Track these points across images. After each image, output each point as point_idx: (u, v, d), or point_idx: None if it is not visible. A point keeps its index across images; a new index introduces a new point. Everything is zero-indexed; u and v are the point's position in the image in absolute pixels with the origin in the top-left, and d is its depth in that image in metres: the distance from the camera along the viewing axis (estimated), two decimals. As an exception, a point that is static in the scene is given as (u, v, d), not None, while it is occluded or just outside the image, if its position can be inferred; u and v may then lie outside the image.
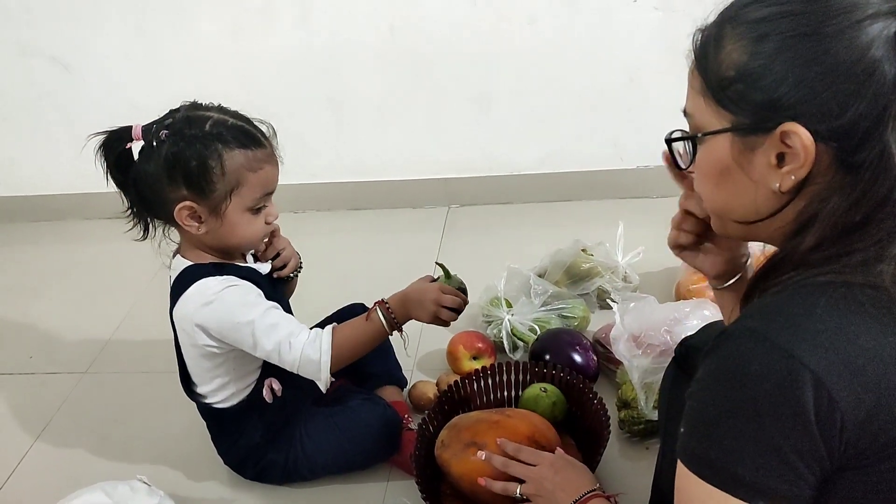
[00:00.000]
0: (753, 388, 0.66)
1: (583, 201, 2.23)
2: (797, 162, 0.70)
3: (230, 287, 1.23)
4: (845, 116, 0.67)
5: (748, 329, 0.69)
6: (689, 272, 1.72)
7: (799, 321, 0.67)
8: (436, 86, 2.14)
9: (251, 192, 1.21)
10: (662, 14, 1.95)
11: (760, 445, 0.66)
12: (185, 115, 1.19)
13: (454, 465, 1.25)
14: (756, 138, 0.72)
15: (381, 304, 1.27)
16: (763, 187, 0.74)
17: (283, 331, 1.22)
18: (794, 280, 0.71)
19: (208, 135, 1.17)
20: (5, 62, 2.23)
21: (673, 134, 0.81)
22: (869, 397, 0.64)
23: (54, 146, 2.33)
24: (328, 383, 1.26)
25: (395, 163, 2.28)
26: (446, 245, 2.12)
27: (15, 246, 2.40)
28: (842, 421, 0.64)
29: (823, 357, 0.64)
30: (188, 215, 1.20)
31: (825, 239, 0.70)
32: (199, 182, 1.17)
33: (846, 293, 0.67)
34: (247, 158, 1.19)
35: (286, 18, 2.08)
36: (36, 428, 1.66)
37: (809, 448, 0.65)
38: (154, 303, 1.32)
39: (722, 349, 0.71)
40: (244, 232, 1.24)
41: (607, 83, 2.08)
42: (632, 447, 1.43)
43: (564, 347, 1.53)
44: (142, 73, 2.19)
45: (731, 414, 0.68)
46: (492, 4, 2.01)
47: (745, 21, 0.72)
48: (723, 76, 0.72)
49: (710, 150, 0.76)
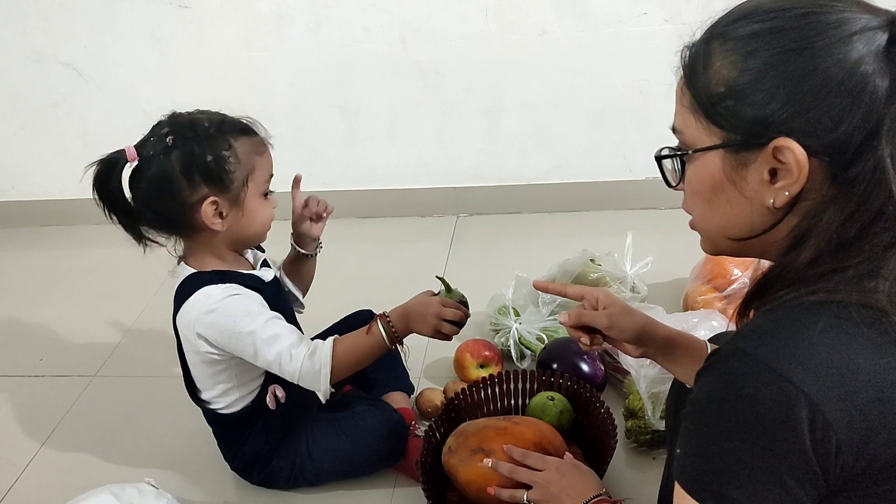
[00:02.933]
0: (747, 411, 0.66)
1: (591, 211, 2.24)
2: (790, 177, 0.69)
3: (233, 296, 1.23)
4: (838, 131, 0.67)
5: (741, 351, 0.68)
6: (697, 283, 1.72)
7: (793, 343, 0.66)
8: (446, 96, 2.16)
9: (262, 175, 1.25)
10: (672, 27, 1.96)
11: (755, 468, 0.66)
12: (182, 119, 1.21)
13: (461, 471, 1.25)
14: (748, 154, 0.71)
15: (382, 317, 1.27)
16: (756, 203, 0.73)
17: (285, 342, 1.22)
18: (787, 298, 0.70)
19: (213, 129, 1.20)
20: (21, 68, 2.25)
21: (662, 151, 0.80)
22: (864, 419, 0.64)
23: (67, 152, 2.35)
24: (328, 395, 1.26)
25: (405, 172, 2.30)
26: (455, 253, 2.13)
27: (27, 250, 2.42)
28: (837, 443, 0.63)
29: (818, 380, 0.64)
30: (213, 212, 1.21)
31: (820, 254, 0.69)
32: (219, 174, 1.20)
33: (840, 313, 0.66)
34: (252, 143, 1.23)
35: (299, 28, 2.10)
36: (45, 430, 1.67)
37: (805, 471, 0.64)
38: (164, 308, 1.33)
39: (715, 370, 0.70)
40: (262, 219, 1.27)
41: (617, 95, 2.09)
42: (638, 457, 1.43)
43: (572, 357, 1.54)
44: (155, 80, 2.21)
45: (726, 437, 0.67)
46: (503, 17, 2.02)
47: (733, 37, 0.72)
48: (713, 92, 0.72)
49: (700, 166, 0.76)
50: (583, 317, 1.09)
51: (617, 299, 1.11)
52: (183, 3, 2.10)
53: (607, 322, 1.08)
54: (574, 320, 1.09)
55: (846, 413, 0.63)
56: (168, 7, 2.10)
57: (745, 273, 1.67)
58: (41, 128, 2.35)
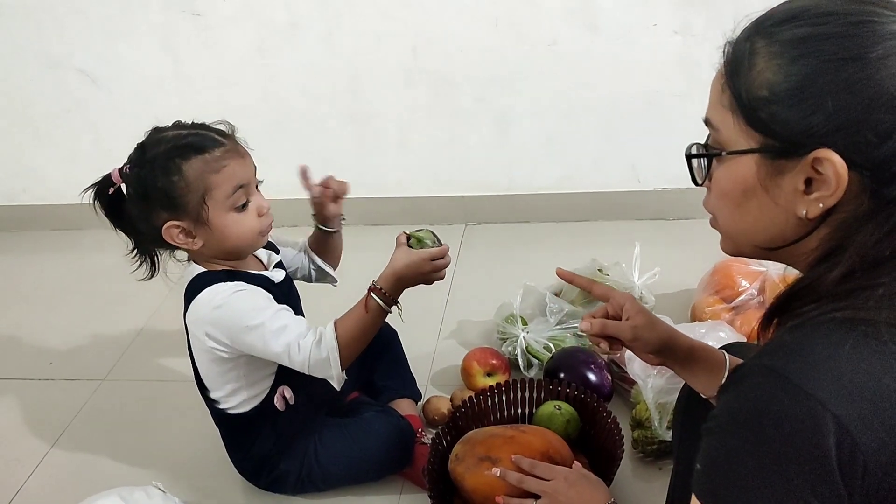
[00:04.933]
0: (773, 429, 0.64)
1: (600, 222, 2.24)
2: (827, 190, 0.67)
3: (240, 291, 1.24)
4: (883, 147, 0.64)
5: (768, 368, 0.66)
6: (705, 294, 1.72)
7: (820, 361, 0.64)
8: (456, 105, 2.17)
9: (223, 192, 1.21)
10: (682, 38, 1.96)
11: (779, 488, 0.64)
12: (142, 144, 1.23)
13: (468, 478, 1.25)
14: (786, 162, 0.68)
15: (375, 290, 1.25)
16: (788, 212, 0.70)
17: (293, 333, 1.22)
18: (814, 314, 0.68)
19: (162, 154, 1.19)
20: (35, 74, 2.28)
21: (692, 148, 0.78)
22: (893, 440, 0.62)
23: (80, 157, 2.37)
24: (341, 379, 1.25)
25: (415, 180, 2.30)
26: (463, 262, 2.14)
27: (38, 253, 2.44)
28: (864, 464, 0.61)
29: (845, 399, 0.62)
30: (178, 234, 1.22)
31: (853, 271, 0.67)
32: (171, 200, 1.20)
33: (869, 331, 0.64)
34: (205, 162, 1.20)
35: (311, 37, 2.11)
36: (54, 433, 1.68)
37: (830, 492, 0.62)
38: (173, 312, 1.34)
39: (741, 387, 0.68)
40: (237, 232, 1.24)
41: (626, 106, 2.10)
42: (645, 467, 1.43)
43: (579, 366, 1.54)
44: (168, 87, 2.23)
45: (750, 454, 0.65)
46: (514, 27, 2.03)
47: (780, 39, 0.68)
48: (755, 95, 0.69)
49: (733, 168, 0.73)
50: (607, 328, 1.06)
51: (642, 309, 1.07)
52: (196, 11, 2.12)
53: (631, 335, 1.04)
54: (597, 330, 1.06)
55: (874, 434, 0.62)
56: (181, 15, 2.12)
57: (752, 285, 1.66)
58: (54, 133, 2.37)
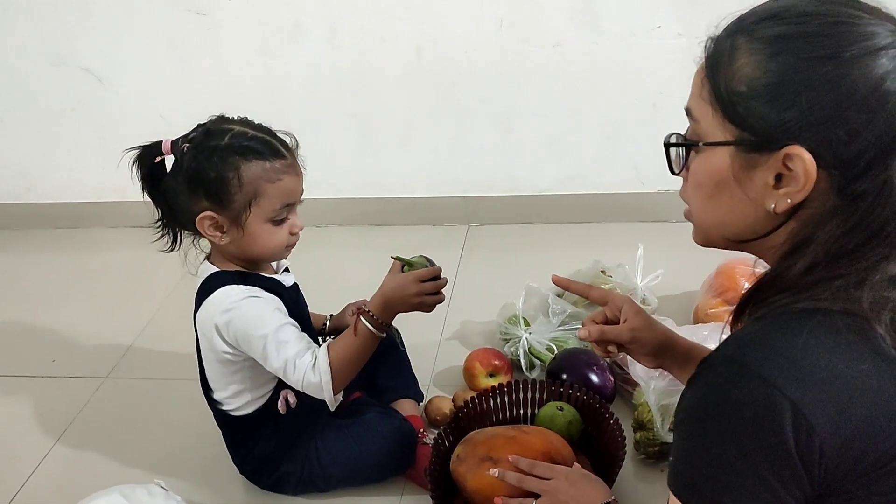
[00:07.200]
0: (734, 416, 0.67)
1: (603, 223, 2.24)
2: (796, 185, 0.69)
3: (251, 298, 1.25)
4: (852, 145, 0.66)
5: (729, 358, 0.70)
6: (707, 296, 1.72)
7: (778, 350, 0.67)
8: (460, 106, 2.17)
9: (270, 204, 1.22)
10: (686, 40, 1.97)
11: (743, 473, 0.66)
12: (207, 128, 1.22)
13: (469, 479, 1.25)
14: (759, 156, 0.71)
15: (363, 313, 1.26)
16: (758, 206, 0.73)
17: (291, 350, 1.23)
18: (775, 305, 0.71)
19: (226, 147, 1.19)
20: (40, 72, 2.28)
21: (671, 138, 0.80)
22: (846, 424, 0.65)
23: (84, 156, 2.37)
24: (333, 403, 1.27)
25: (417, 180, 2.30)
26: (465, 263, 2.14)
27: (42, 252, 2.44)
28: (821, 448, 0.64)
29: (802, 385, 0.65)
30: (210, 225, 1.23)
31: (816, 264, 0.69)
32: (218, 193, 1.20)
33: (825, 320, 0.67)
34: (264, 170, 1.20)
35: (315, 37, 2.11)
36: (56, 430, 1.68)
37: (791, 475, 0.66)
38: (177, 311, 1.34)
39: (704, 377, 0.71)
40: (266, 242, 1.26)
41: (630, 107, 2.09)
42: (647, 469, 1.43)
43: (581, 367, 1.54)
44: (172, 86, 2.23)
45: (715, 442, 0.68)
46: (517, 28, 2.03)
47: (760, 36, 0.70)
48: (734, 90, 0.71)
49: (708, 160, 0.76)
50: (605, 334, 1.08)
51: (640, 311, 1.10)
52: (201, 10, 2.12)
53: (630, 337, 1.07)
54: (596, 336, 1.09)
55: (828, 417, 0.64)
56: (186, 14, 2.12)
57: (755, 287, 1.66)
58: (59, 131, 2.37)
